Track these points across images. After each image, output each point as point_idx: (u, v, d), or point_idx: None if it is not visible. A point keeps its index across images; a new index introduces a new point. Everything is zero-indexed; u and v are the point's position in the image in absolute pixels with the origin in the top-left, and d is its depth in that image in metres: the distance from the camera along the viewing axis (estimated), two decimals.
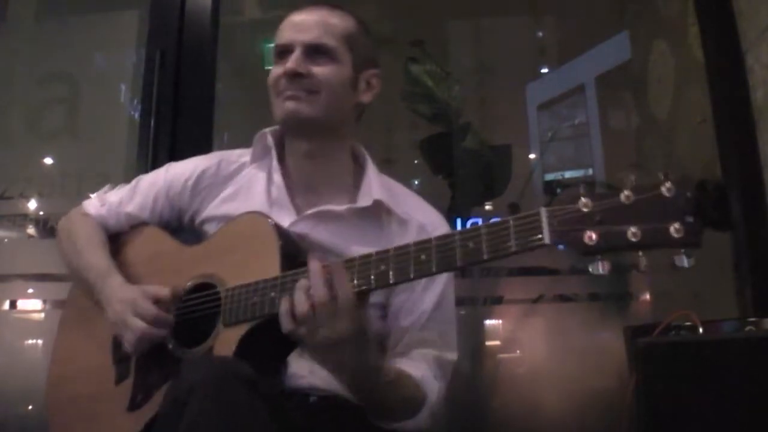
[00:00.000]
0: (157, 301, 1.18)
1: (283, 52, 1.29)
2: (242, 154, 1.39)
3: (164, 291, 1.20)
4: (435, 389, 1.20)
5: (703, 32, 2.28)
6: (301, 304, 1.01)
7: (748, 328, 1.42)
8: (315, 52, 1.27)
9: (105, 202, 1.43)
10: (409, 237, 1.24)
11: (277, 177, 1.32)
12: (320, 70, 1.26)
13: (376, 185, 1.30)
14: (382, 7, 3.24)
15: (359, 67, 1.32)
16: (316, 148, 1.31)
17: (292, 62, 1.26)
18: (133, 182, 1.45)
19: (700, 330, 1.41)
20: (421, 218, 1.30)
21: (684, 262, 0.84)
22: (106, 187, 1.48)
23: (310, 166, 1.32)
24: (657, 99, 2.85)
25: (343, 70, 1.29)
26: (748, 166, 2.09)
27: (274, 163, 1.34)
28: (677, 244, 0.82)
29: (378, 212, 1.29)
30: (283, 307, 1.03)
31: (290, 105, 1.25)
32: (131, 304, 1.19)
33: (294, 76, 1.25)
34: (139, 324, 1.17)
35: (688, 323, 1.44)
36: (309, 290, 1.02)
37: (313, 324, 1.01)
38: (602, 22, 3.28)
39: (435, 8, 3.33)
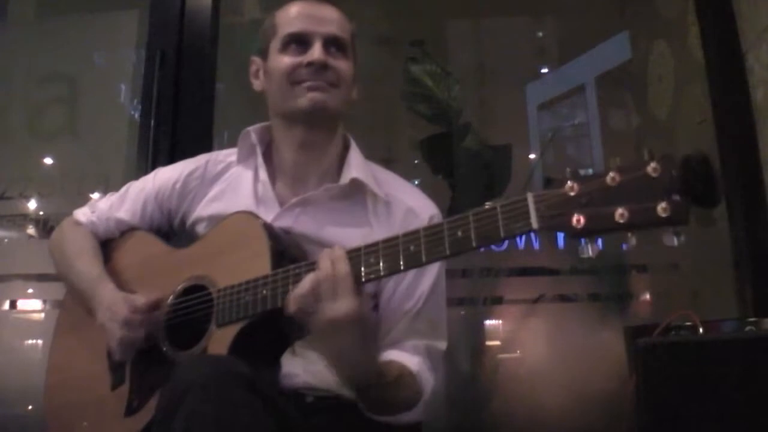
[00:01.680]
0: (135, 309, 1.19)
1: (298, 42, 1.28)
2: (230, 154, 1.39)
3: (142, 299, 1.21)
4: (430, 383, 1.22)
5: (703, 32, 2.28)
6: (306, 282, 1.03)
7: (748, 328, 1.43)
8: (332, 45, 1.28)
9: (95, 209, 1.44)
10: (395, 219, 1.26)
11: (263, 174, 1.32)
12: (340, 64, 1.28)
13: (355, 165, 1.30)
14: (382, 7, 3.24)
15: (355, 65, 1.34)
16: (314, 138, 1.31)
17: (320, 53, 1.25)
18: (123, 189, 1.45)
19: (700, 330, 1.41)
20: (409, 201, 1.30)
21: (673, 240, 0.84)
22: (97, 196, 1.49)
23: (304, 156, 1.32)
24: (657, 99, 2.85)
25: (352, 66, 1.31)
26: (748, 166, 2.09)
27: (260, 160, 1.34)
28: (665, 223, 0.82)
29: (359, 193, 1.29)
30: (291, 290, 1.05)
31: (318, 96, 1.25)
32: (110, 308, 1.21)
33: (321, 67, 1.25)
34: (115, 327, 1.19)
35: (688, 323, 1.44)
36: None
37: (315, 301, 1.02)
38: (602, 22, 3.28)
39: (435, 8, 3.33)
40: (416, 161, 3.20)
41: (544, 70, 4.04)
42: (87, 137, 2.68)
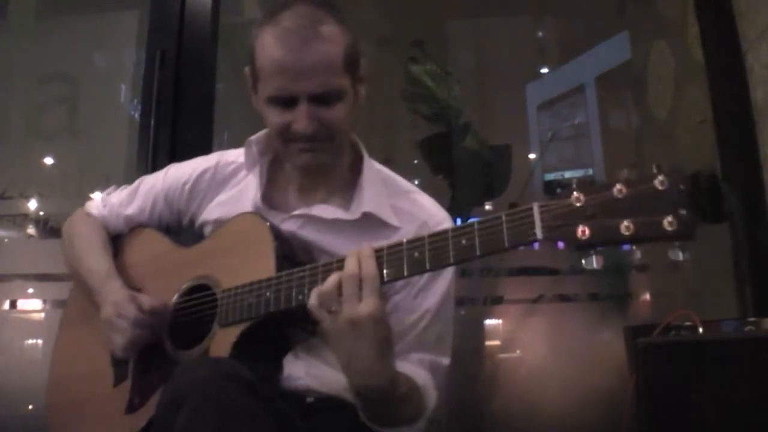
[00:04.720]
0: (143, 310, 1.19)
1: (282, 101, 1.17)
2: (240, 154, 1.37)
3: (150, 301, 1.20)
4: (433, 399, 1.19)
5: (703, 32, 2.28)
6: (331, 280, 1.01)
7: (748, 328, 1.43)
8: (320, 98, 1.17)
9: (107, 203, 1.44)
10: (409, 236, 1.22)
11: (259, 192, 1.29)
12: (331, 115, 1.17)
13: (369, 194, 1.25)
14: (382, 7, 3.24)
15: (356, 78, 1.22)
16: (316, 169, 1.27)
17: (305, 123, 1.15)
18: (135, 184, 1.45)
19: (700, 330, 1.41)
20: (423, 215, 1.27)
21: (678, 255, 0.83)
22: (111, 188, 1.48)
23: (308, 178, 1.29)
24: (657, 99, 2.85)
25: (348, 98, 1.20)
26: (748, 166, 2.10)
27: (259, 178, 1.30)
28: (671, 237, 0.81)
29: (371, 222, 1.24)
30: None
31: (310, 158, 1.21)
32: (117, 305, 1.20)
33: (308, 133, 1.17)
34: (122, 324, 1.18)
35: (688, 323, 1.44)
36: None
37: (338, 300, 1.00)
38: (602, 22, 3.28)
39: (435, 8, 3.34)
40: (416, 161, 3.20)
41: (544, 70, 4.05)
42: (87, 137, 2.68)
